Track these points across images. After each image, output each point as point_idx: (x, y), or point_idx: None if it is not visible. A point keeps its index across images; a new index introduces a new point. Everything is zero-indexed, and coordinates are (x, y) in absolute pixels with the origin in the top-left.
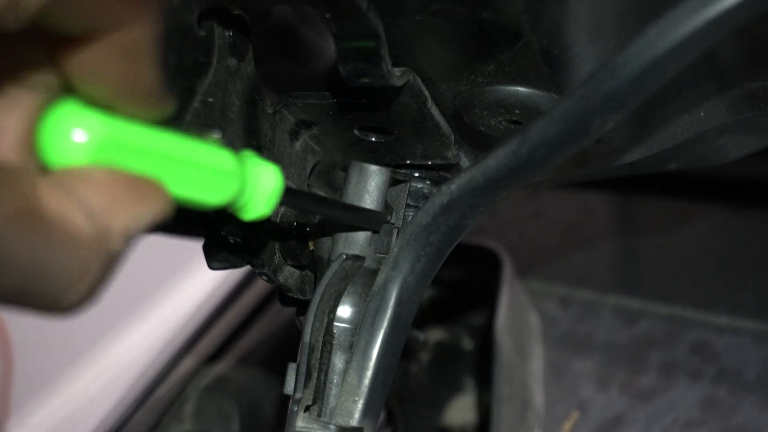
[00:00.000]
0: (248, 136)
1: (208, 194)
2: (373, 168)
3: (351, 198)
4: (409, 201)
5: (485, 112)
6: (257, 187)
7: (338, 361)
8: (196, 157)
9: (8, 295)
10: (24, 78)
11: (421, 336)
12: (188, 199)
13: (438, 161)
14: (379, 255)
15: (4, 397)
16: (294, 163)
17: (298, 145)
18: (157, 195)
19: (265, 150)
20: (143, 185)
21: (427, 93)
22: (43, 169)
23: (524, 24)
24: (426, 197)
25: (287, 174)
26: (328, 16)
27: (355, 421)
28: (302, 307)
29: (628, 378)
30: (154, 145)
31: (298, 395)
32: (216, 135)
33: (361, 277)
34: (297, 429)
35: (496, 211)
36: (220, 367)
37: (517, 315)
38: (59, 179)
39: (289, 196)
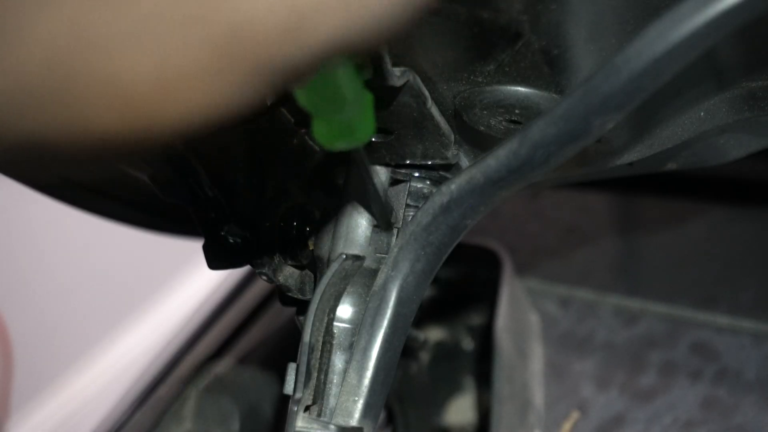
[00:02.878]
0: (248, 136)
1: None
2: (373, 168)
3: (351, 198)
4: (409, 201)
5: (485, 112)
6: (347, 123)
7: (338, 361)
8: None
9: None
10: None
11: (421, 336)
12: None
13: (438, 161)
14: (379, 255)
15: (4, 397)
16: (294, 162)
17: (297, 144)
18: None
19: (263, 149)
20: None
21: (427, 93)
22: None
23: (524, 24)
24: (426, 197)
25: (288, 173)
26: None
27: (355, 421)
28: (302, 307)
29: (628, 378)
30: None
31: (298, 395)
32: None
33: (361, 277)
34: (297, 429)
35: (496, 211)
36: (220, 367)
37: (517, 315)
38: None
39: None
